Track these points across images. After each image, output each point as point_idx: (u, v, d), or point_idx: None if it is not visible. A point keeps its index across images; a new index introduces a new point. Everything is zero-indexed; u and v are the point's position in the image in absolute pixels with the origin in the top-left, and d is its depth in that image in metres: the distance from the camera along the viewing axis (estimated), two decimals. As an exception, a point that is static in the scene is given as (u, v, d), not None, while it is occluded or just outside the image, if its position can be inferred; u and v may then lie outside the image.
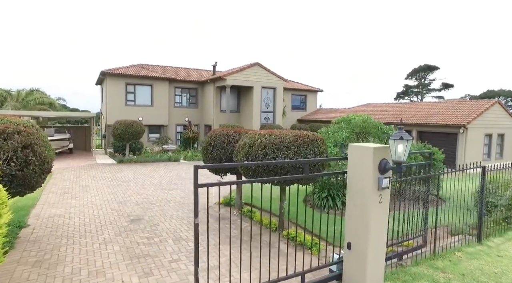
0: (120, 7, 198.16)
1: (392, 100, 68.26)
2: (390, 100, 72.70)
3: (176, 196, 9.71)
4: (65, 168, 14.65)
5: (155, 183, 11.63)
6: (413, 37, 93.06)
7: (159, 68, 25.53)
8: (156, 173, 13.99)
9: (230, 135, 7.37)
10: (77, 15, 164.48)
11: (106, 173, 13.46)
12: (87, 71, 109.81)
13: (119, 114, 20.97)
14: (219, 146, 7.30)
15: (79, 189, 10.31)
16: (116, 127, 16.39)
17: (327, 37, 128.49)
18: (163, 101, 23.03)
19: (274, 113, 23.54)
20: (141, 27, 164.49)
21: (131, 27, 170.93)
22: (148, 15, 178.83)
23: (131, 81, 21.82)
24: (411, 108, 22.57)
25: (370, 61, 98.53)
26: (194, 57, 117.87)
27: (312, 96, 30.73)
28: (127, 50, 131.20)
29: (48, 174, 5.54)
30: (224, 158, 7.26)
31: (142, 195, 9.70)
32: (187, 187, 11.03)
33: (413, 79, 63.37)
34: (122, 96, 21.58)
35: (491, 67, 76.57)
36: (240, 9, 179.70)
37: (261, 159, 5.62)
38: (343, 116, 8.92)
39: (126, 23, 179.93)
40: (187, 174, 13.80)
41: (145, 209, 8.11)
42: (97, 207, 8.17)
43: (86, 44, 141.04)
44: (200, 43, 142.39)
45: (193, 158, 18.54)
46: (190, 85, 24.60)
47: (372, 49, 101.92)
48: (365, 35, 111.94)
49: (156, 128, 23.28)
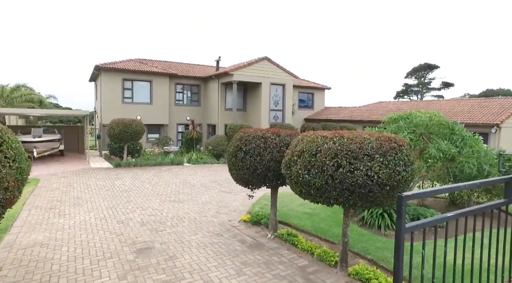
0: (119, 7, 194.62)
1: (391, 99, 67.19)
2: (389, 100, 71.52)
3: (188, 210, 7.96)
4: (53, 173, 12.76)
5: (161, 193, 9.85)
6: (413, 36, 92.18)
7: (159, 63, 23.66)
8: (159, 179, 12.19)
9: (267, 137, 5.65)
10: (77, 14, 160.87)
11: (102, 180, 11.62)
12: (84, 71, 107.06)
13: (115, 112, 19.08)
14: (254, 151, 5.57)
15: (70, 202, 8.49)
16: (113, 127, 14.54)
17: (327, 37, 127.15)
18: (163, 99, 21.19)
19: (283, 112, 21.84)
20: (140, 27, 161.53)
21: (130, 26, 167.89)
22: (148, 14, 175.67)
23: (129, 77, 19.95)
24: (429, 106, 21.05)
25: (370, 61, 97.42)
26: (195, 57, 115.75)
27: (319, 94, 29.14)
28: (126, 50, 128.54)
29: (9, 206, 3.75)
30: (261, 168, 5.54)
31: (147, 210, 7.93)
32: (200, 198, 9.27)
33: (412, 78, 62.44)
34: (118, 93, 19.70)
35: (490, 66, 75.97)
36: (237, 9, 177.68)
37: (332, 172, 3.91)
38: (400, 113, 7.24)
39: (125, 22, 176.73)
40: (195, 180, 12.02)
41: (154, 232, 6.35)
42: (92, 229, 6.38)
43: (84, 44, 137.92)
44: (200, 43, 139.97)
45: (198, 161, 16.75)
46: (192, 81, 22.78)
47: (372, 49, 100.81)
48: (365, 35, 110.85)
49: (155, 128, 21.43)
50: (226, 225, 6.90)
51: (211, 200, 9.09)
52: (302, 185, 4.22)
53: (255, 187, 6.01)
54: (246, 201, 9.04)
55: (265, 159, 5.52)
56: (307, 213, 7.68)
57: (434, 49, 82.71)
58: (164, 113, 21.29)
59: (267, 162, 5.52)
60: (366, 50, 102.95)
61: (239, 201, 9.12)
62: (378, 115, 22.78)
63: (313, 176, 4.03)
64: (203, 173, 13.85)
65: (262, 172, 5.57)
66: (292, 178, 4.33)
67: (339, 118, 25.01)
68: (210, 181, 12.06)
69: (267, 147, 5.57)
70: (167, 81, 21.26)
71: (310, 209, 8.08)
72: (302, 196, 4.40)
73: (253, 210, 7.91)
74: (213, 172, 14.20)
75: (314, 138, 4.24)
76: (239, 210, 8.17)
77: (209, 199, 9.21)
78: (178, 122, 22.56)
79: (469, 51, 79.36)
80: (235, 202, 9.01)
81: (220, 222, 7.08)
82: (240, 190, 10.57)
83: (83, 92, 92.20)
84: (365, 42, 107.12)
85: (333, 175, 3.90)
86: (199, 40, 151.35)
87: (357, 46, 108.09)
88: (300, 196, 4.45)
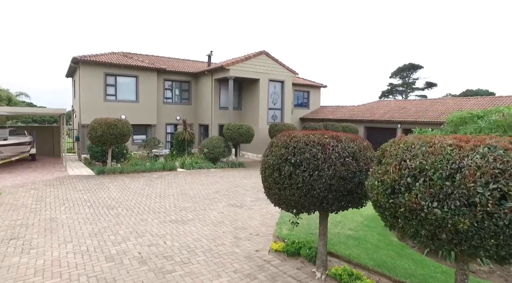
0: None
1: (376, 99, 67.29)
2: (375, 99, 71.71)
3: (198, 236, 6.20)
4: (21, 184, 10.59)
5: (157, 209, 8.01)
6: (397, 36, 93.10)
7: (145, 57, 21.52)
8: (152, 189, 10.30)
9: (326, 144, 4.01)
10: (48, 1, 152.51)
11: (83, 192, 9.61)
12: (58, 67, 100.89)
13: (96, 111, 16.90)
14: (308, 164, 3.92)
15: (39, 227, 6.52)
16: (94, 128, 12.46)
17: (310, 35, 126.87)
18: (150, 96, 19.13)
19: (282, 111, 20.28)
20: (123, 18, 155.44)
21: (111, 17, 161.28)
22: (131, 4, 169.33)
23: (112, 71, 17.76)
24: (436, 105, 20.09)
25: (354, 60, 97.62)
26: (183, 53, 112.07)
27: (315, 93, 27.81)
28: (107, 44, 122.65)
29: None
30: (319, 187, 3.90)
31: (145, 236, 6.10)
32: (208, 216, 7.51)
33: (397, 78, 62.80)
34: (100, 89, 17.49)
35: (470, 67, 77.79)
36: (227, 4, 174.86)
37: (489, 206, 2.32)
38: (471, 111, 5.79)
39: (106, 13, 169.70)
40: (195, 190, 10.21)
41: (161, 274, 4.57)
42: (69, 276, 4.52)
43: (59, 36, 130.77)
44: (189, 39, 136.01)
45: (193, 165, 14.89)
46: (182, 77, 20.80)
47: (356, 48, 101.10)
48: (351, 35, 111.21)
49: (142, 128, 19.33)
50: (255, 259, 5.21)
51: (222, 219, 7.35)
52: (424, 223, 2.60)
53: (305, 211, 4.35)
54: (266, 219, 7.38)
55: (326, 175, 3.87)
56: (350, 236, 6.11)
57: (418, 50, 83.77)
58: (152, 113, 19.24)
59: (328, 179, 3.88)
60: (350, 49, 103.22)
61: (257, 218, 7.43)
62: (381, 114, 21.66)
63: (451, 212, 2.43)
64: (202, 181, 12.04)
65: (320, 192, 3.93)
66: (402, 211, 2.71)
67: (338, 118, 23.73)
68: (213, 191, 10.29)
69: (327, 158, 3.93)
70: (155, 77, 19.21)
71: (350, 229, 6.52)
72: (425, 242, 2.76)
73: (281, 234, 6.26)
74: (212, 179, 12.41)
75: (440, 149, 2.63)
76: (263, 232, 6.49)
77: (220, 217, 7.46)
78: (167, 122, 20.54)
79: (450, 52, 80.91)
80: (252, 220, 7.31)
81: (245, 254, 5.38)
82: (251, 203, 8.89)
83: (57, 90, 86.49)
84: (350, 41, 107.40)
85: (492, 211, 2.31)
86: (187, 35, 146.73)
87: (341, 46, 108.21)
88: (423, 243, 2.82)
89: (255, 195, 10.00)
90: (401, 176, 2.73)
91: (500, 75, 76.70)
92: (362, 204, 4.31)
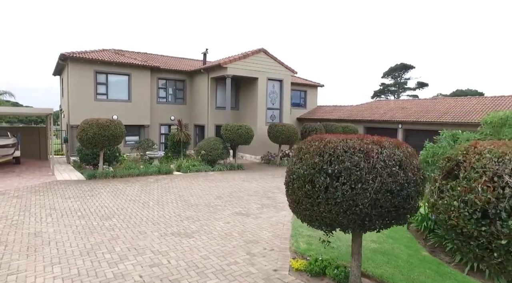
0: None
1: (369, 99, 67.51)
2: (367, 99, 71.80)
3: (206, 252, 5.48)
4: (2, 191, 9.66)
5: (156, 219, 7.26)
6: (389, 36, 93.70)
7: (138, 55, 20.61)
8: (148, 195, 9.52)
9: (369, 151, 3.36)
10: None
11: (73, 200, 8.77)
12: (45, 66, 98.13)
13: (86, 111, 15.97)
14: (349, 175, 3.26)
15: (21, 244, 5.70)
16: (85, 129, 11.58)
17: (302, 37, 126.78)
18: (143, 96, 18.24)
19: (281, 111, 19.64)
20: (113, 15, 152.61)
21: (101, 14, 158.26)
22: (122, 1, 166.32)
23: (103, 69, 16.83)
24: (436, 105, 19.75)
25: (346, 59, 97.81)
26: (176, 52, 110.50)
27: (312, 92, 27.28)
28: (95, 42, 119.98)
29: None
30: (363, 203, 3.25)
31: (146, 253, 5.36)
32: (213, 227, 6.80)
33: (389, 78, 63.08)
34: (90, 88, 16.54)
35: (460, 68, 78.79)
36: (220, 3, 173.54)
37: None
38: (511, 111, 5.23)
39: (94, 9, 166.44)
40: (194, 196, 9.48)
41: (167, 305, 3.85)
42: (59, 306, 3.76)
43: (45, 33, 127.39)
44: (181, 38, 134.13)
45: (190, 168, 14.12)
46: (177, 76, 19.96)
47: (349, 48, 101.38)
48: (346, 35, 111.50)
49: (134, 129, 18.42)
50: (275, 281, 4.53)
51: (229, 230, 6.66)
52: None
53: (341, 230, 3.70)
54: (278, 230, 6.72)
55: (370, 188, 3.23)
56: (376, 250, 5.49)
57: (409, 50, 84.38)
58: (145, 113, 18.36)
59: (373, 192, 3.24)
60: (342, 49, 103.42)
61: (267, 229, 6.75)
62: (381, 114, 21.24)
63: None
64: (201, 185, 11.30)
65: (364, 208, 3.28)
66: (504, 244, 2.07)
67: (336, 118, 23.23)
68: (215, 197, 9.58)
69: (372, 168, 3.28)
70: (148, 75, 18.33)
71: (373, 241, 5.91)
72: None
73: (298, 248, 5.60)
74: (212, 184, 11.69)
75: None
76: (277, 246, 5.82)
77: (227, 228, 6.76)
78: (161, 123, 19.68)
79: (441, 52, 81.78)
80: (263, 231, 6.63)
81: (263, 275, 4.70)
82: (258, 210, 8.23)
83: (44, 89, 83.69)
84: (341, 41, 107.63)
85: None
86: (181, 34, 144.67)
87: (333, 46, 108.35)
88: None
89: (260, 200, 9.33)
90: (498, 196, 2.09)
91: (488, 76, 77.90)
92: (406, 220, 3.68)
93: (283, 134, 16.29)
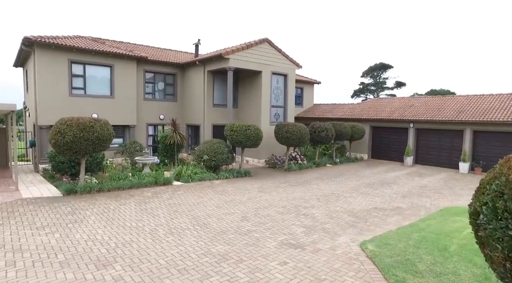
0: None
1: (349, 98, 67.37)
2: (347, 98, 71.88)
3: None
4: None
5: (179, 261, 5.01)
6: (367, 35, 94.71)
7: (121, 44, 17.81)
8: (153, 219, 7.17)
9: None
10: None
11: (47, 231, 6.25)
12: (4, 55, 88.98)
13: (59, 109, 13.19)
14: None
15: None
16: (61, 131, 8.95)
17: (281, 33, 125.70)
18: (128, 91, 15.58)
19: (285, 108, 17.69)
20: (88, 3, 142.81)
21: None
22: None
23: (79, 59, 14.02)
24: (447, 103, 18.65)
25: (327, 59, 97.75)
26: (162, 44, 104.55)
27: (309, 90, 25.63)
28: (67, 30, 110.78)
29: None
30: None
31: None
32: (269, 271, 4.68)
33: (368, 77, 63.31)
34: (63, 81, 13.69)
35: (434, 68, 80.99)
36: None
37: None
38: None
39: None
40: (214, 217, 7.24)
41: None
42: None
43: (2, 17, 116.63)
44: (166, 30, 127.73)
45: (192, 177, 11.79)
46: (167, 68, 17.42)
47: (328, 46, 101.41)
48: (326, 34, 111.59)
49: (118, 130, 15.66)
50: None
51: (293, 277, 4.55)
52: None
53: None
54: (360, 272, 4.71)
55: None
56: None
57: (386, 49, 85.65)
58: (131, 111, 15.71)
59: None
60: (323, 48, 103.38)
61: (347, 273, 4.72)
62: (388, 113, 19.88)
63: None
64: (213, 200, 9.08)
65: None
66: None
67: (338, 117, 21.67)
68: (239, 218, 7.43)
69: None
70: (134, 67, 15.68)
71: None
72: None
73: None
74: (225, 197, 9.50)
75: None
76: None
77: (291, 275, 4.65)
78: (149, 123, 17.08)
79: (415, 52, 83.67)
80: (343, 276, 4.59)
81: None
82: (307, 237, 6.24)
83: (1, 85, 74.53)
84: (322, 40, 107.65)
85: None
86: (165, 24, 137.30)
87: (313, 44, 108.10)
88: None
89: (298, 220, 7.34)
90: None
91: (459, 76, 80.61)
92: None
93: (294, 135, 14.31)
